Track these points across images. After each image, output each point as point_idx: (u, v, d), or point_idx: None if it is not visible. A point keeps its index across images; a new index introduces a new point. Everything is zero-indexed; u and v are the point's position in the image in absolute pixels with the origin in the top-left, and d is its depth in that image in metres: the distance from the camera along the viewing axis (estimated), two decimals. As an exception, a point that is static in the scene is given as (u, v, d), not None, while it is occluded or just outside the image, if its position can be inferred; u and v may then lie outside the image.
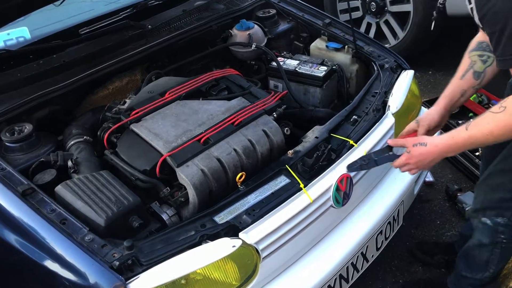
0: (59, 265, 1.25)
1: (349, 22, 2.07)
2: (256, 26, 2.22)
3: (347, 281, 1.62)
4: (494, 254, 1.64)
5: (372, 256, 1.73)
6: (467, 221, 1.92)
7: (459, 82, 1.55)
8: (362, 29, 3.57)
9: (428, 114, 1.57)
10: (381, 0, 3.36)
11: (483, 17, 1.17)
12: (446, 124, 1.75)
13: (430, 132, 1.56)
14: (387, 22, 3.41)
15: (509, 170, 1.49)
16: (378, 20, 3.45)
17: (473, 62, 1.53)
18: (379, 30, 3.48)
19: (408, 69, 1.99)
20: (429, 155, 1.39)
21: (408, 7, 3.21)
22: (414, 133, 1.57)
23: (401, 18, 3.33)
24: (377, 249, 1.75)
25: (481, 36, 1.53)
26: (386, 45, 2.52)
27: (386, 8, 3.37)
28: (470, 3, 1.28)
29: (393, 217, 1.78)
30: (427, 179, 2.46)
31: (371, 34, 3.52)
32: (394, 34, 3.40)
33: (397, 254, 2.12)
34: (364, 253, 1.66)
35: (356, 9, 3.54)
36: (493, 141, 1.30)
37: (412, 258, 2.10)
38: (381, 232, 1.72)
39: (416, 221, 2.28)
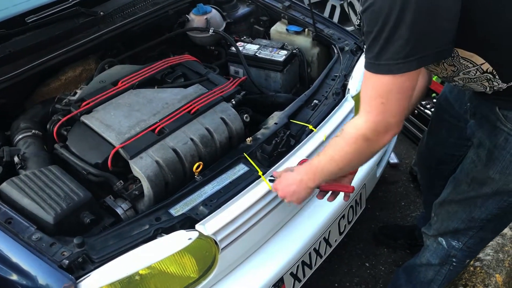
0: (6, 268, 1.19)
1: (309, 5, 2.03)
2: (214, 10, 2.16)
3: (310, 267, 1.61)
4: (440, 275, 1.60)
5: (336, 240, 1.72)
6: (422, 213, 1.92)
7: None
8: (327, 12, 3.54)
9: None
10: (344, -18, 3.34)
11: (363, 12, 1.04)
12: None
13: None
14: (351, 4, 3.39)
15: (462, 200, 1.41)
16: (342, 2, 3.43)
17: None
18: (343, 12, 3.46)
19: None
20: (291, 181, 1.32)
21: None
22: None
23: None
24: (340, 233, 1.74)
25: None
26: (351, 28, 2.50)
27: (349, -10, 3.35)
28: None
29: (355, 200, 1.77)
30: (391, 161, 2.47)
31: (336, 16, 3.50)
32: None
33: (362, 237, 2.13)
34: (327, 238, 1.65)
35: (320, -9, 3.51)
36: (340, 170, 1.23)
37: (376, 241, 2.11)
38: (343, 217, 1.71)
39: (380, 204, 2.29)
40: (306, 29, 2.08)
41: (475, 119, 1.33)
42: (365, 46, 1.10)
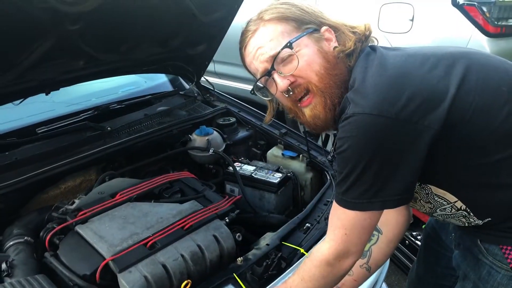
0: None
1: (304, 133, 2.17)
2: (215, 132, 2.30)
3: None
4: None
5: None
6: None
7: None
8: (321, 139, 3.72)
9: None
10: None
11: (336, 154, 1.15)
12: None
13: None
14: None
15: None
16: (335, 132, 3.63)
17: None
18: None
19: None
20: None
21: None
22: None
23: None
24: None
25: None
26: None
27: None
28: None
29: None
30: (384, 291, 2.41)
31: (329, 145, 3.67)
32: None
33: None
34: None
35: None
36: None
37: None
38: None
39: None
40: (301, 155, 2.19)
41: (459, 250, 1.36)
42: (336, 180, 1.19)
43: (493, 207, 1.18)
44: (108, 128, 2.09)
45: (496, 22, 3.02)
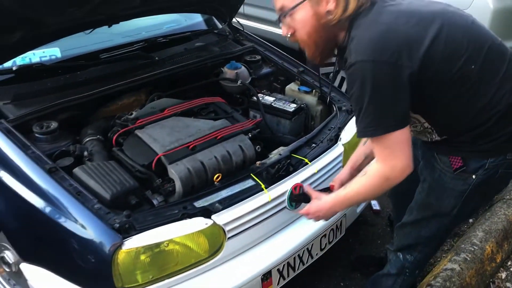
0: (75, 224, 1.64)
1: (318, 74, 2.58)
2: (243, 67, 2.72)
3: (293, 269, 2.03)
4: (396, 283, 2.02)
5: (317, 254, 2.14)
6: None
7: (362, 148, 1.95)
8: (337, 81, 4.10)
9: (341, 174, 1.96)
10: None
11: (350, 98, 1.50)
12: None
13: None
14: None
15: (413, 221, 1.86)
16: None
17: None
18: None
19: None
20: (322, 208, 1.76)
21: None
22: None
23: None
24: (321, 249, 2.16)
25: None
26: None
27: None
28: None
29: (336, 225, 2.21)
30: (374, 207, 2.91)
31: (344, 86, 4.05)
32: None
33: (342, 263, 2.53)
34: (310, 249, 2.08)
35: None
36: (364, 199, 1.70)
37: (352, 267, 2.52)
38: (325, 235, 2.14)
39: (360, 240, 2.71)
40: (314, 90, 2.61)
41: (423, 161, 1.81)
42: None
43: (449, 128, 1.62)
44: (156, 58, 2.53)
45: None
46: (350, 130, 2.32)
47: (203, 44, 2.82)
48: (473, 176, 1.63)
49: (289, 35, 1.58)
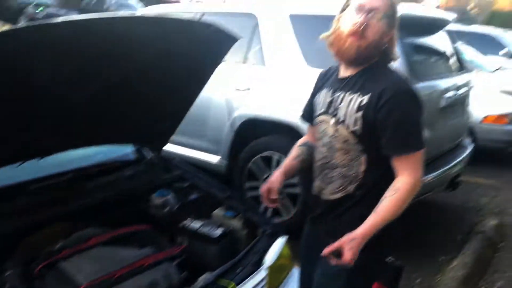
0: None
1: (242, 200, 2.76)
2: (171, 194, 2.85)
3: None
4: None
5: None
6: None
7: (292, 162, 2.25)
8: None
9: (274, 176, 2.20)
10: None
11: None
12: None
13: None
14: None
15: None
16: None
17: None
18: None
19: (282, 236, 2.63)
20: (357, 237, 1.77)
21: (297, 190, 4.10)
22: None
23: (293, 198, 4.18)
24: None
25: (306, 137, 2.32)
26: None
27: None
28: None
29: None
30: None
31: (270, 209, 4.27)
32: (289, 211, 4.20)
33: None
34: None
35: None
36: (395, 215, 1.80)
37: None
38: None
39: None
40: (239, 215, 2.76)
41: None
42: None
43: None
44: (84, 188, 2.61)
45: None
46: (273, 253, 2.45)
47: (132, 173, 2.95)
48: None
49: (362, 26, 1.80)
